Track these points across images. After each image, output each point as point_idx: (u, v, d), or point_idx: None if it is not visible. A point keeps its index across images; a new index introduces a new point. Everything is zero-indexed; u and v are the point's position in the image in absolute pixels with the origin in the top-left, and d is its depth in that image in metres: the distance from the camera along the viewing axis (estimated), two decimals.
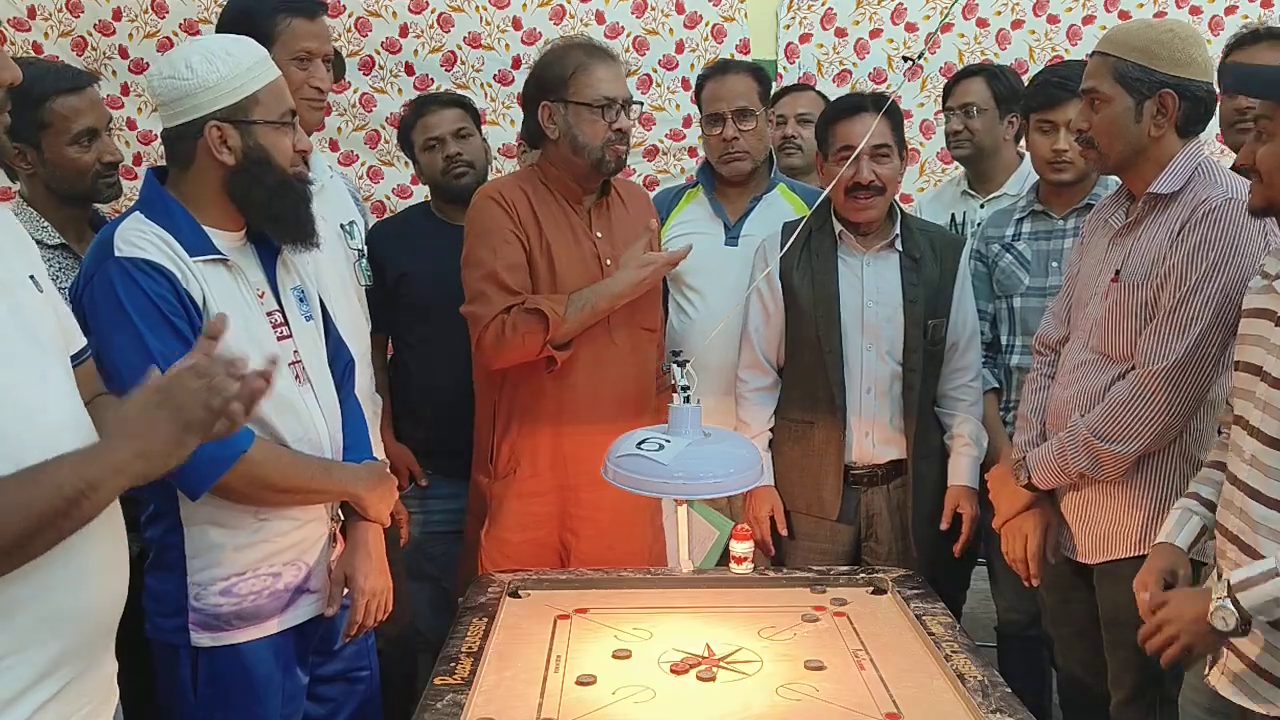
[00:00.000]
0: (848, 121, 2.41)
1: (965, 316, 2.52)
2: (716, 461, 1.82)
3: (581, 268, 2.31)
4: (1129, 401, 1.94)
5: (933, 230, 2.61)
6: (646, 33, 3.70)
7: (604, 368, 2.33)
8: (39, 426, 1.20)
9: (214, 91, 1.66)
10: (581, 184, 2.35)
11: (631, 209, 2.44)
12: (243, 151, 1.69)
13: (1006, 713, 1.63)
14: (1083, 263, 2.17)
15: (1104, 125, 1.99)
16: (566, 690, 1.74)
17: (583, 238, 2.34)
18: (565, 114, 2.27)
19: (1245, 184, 1.92)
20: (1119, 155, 2.00)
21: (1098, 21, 3.88)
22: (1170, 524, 1.83)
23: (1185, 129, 1.96)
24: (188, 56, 1.68)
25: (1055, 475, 2.08)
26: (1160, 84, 1.92)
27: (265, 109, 1.70)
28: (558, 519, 2.37)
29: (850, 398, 2.46)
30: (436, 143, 2.73)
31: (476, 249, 2.28)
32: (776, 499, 2.53)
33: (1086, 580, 2.12)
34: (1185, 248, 1.90)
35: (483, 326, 2.23)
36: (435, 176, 2.76)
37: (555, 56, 2.31)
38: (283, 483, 1.72)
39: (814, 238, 2.48)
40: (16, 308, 1.25)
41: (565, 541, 2.38)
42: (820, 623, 2.01)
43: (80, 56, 3.47)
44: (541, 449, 2.33)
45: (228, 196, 1.72)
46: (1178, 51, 1.92)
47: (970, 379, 2.53)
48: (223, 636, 1.72)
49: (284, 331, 1.78)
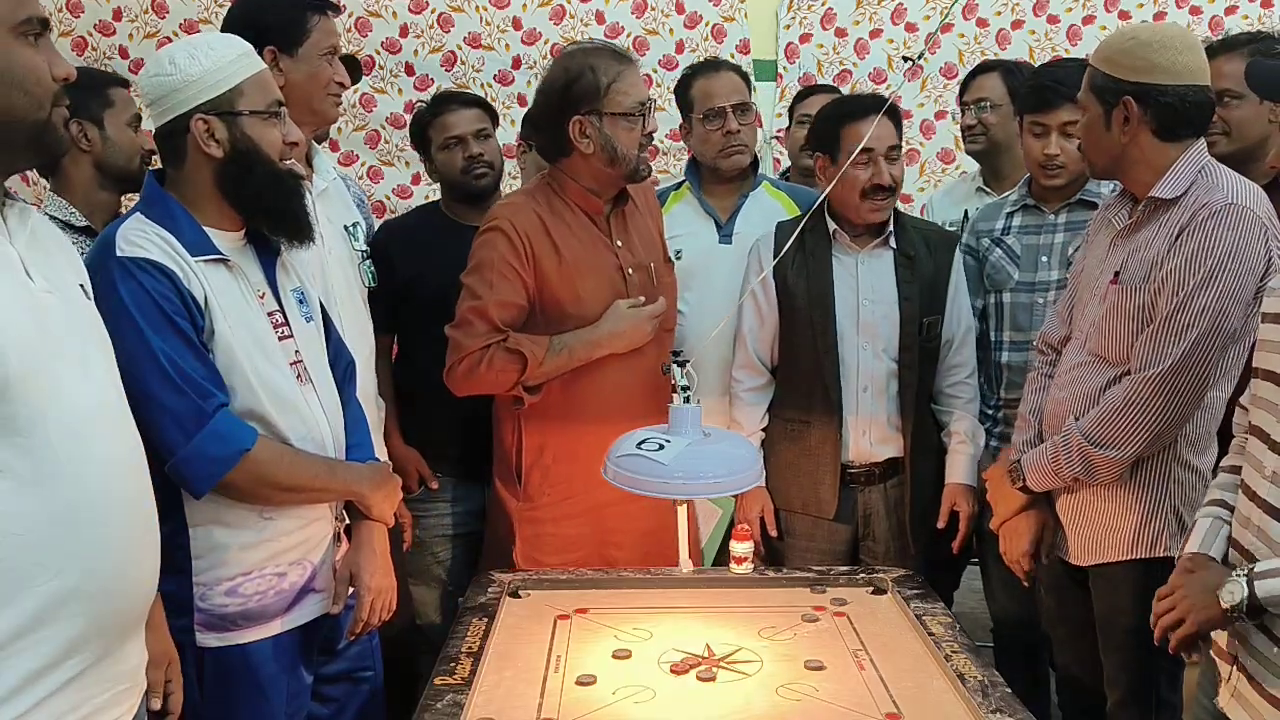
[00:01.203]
0: (863, 123, 2.36)
1: (960, 313, 2.52)
2: (716, 461, 1.83)
3: (604, 282, 2.27)
4: (1123, 406, 1.93)
5: (926, 227, 2.62)
6: (646, 33, 3.70)
7: (631, 375, 2.30)
8: (70, 410, 1.24)
9: (198, 85, 1.67)
10: (603, 194, 2.30)
11: (643, 209, 2.43)
12: (230, 143, 1.69)
13: (1006, 713, 1.63)
14: (1085, 262, 2.16)
15: (1084, 134, 2.04)
16: (566, 690, 1.75)
17: (603, 250, 2.30)
18: (601, 126, 2.19)
19: (1249, 189, 1.91)
20: (1102, 162, 2.03)
21: (1098, 22, 3.89)
22: (1201, 533, 1.69)
23: (1168, 133, 1.94)
24: (171, 54, 1.69)
25: (1049, 478, 2.08)
26: (1121, 91, 1.93)
27: (250, 100, 1.70)
28: (596, 537, 2.35)
29: (847, 396, 2.46)
30: (456, 142, 2.70)
31: (473, 278, 2.23)
32: (767, 499, 2.54)
33: (1083, 582, 2.12)
34: (1184, 252, 1.89)
35: (459, 356, 2.21)
36: (453, 175, 2.71)
37: (580, 67, 2.20)
38: (287, 481, 1.72)
39: (808, 237, 2.47)
40: (66, 301, 1.32)
41: (608, 557, 2.35)
42: (820, 623, 2.01)
43: (80, 56, 3.47)
44: (576, 470, 2.28)
45: (220, 192, 1.72)
46: (1138, 59, 1.91)
47: (966, 375, 2.53)
48: (228, 636, 1.73)
49: (285, 332, 1.79)
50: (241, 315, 1.71)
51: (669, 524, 2.33)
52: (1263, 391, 1.61)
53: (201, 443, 1.62)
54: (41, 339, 1.23)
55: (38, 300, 1.26)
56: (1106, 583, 2.05)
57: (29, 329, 1.21)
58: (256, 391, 1.70)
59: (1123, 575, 2.01)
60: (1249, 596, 1.48)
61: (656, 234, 2.44)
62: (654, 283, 2.35)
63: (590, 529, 2.34)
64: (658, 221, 2.47)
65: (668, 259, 2.47)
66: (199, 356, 1.65)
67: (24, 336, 1.20)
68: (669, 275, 2.44)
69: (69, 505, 1.23)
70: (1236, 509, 1.64)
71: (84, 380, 1.29)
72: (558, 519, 2.33)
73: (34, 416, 1.20)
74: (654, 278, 2.35)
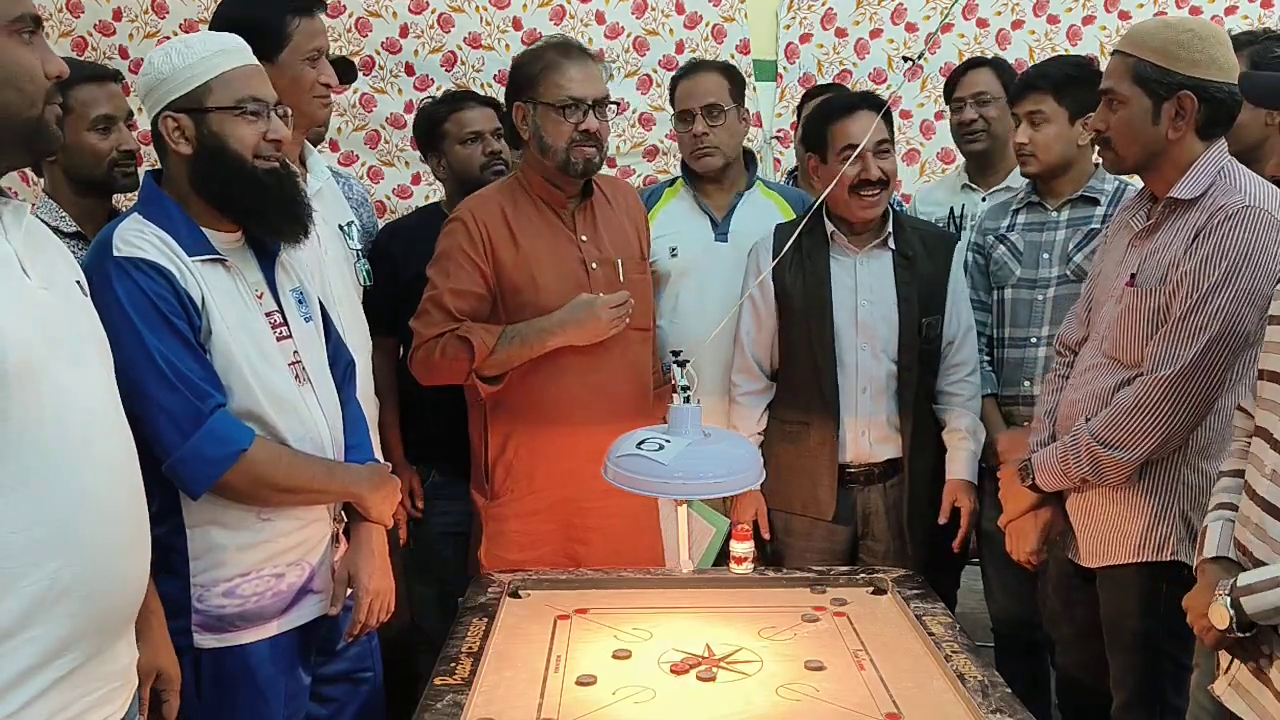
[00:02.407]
0: (848, 120, 2.40)
1: (960, 312, 2.52)
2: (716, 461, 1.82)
3: (565, 274, 2.30)
4: (1133, 408, 1.92)
5: (925, 228, 2.62)
6: (647, 33, 3.69)
7: (597, 373, 2.31)
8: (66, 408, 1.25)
9: (170, 83, 1.68)
10: (563, 188, 2.33)
11: (618, 207, 2.44)
12: (198, 140, 1.69)
13: (1006, 713, 1.63)
14: (1103, 264, 2.15)
15: (1121, 127, 1.95)
16: (566, 690, 1.75)
17: (565, 243, 2.32)
18: (534, 114, 2.26)
19: (1268, 191, 1.88)
20: (1136, 157, 1.98)
21: (1098, 22, 3.88)
22: (1215, 538, 1.66)
23: (1206, 131, 1.92)
24: (152, 55, 1.71)
25: (1058, 478, 2.07)
26: (1179, 85, 1.88)
27: (218, 96, 1.69)
28: (561, 533, 2.36)
29: (846, 397, 2.46)
30: (476, 137, 2.71)
31: (433, 269, 2.30)
32: (761, 502, 2.54)
33: (1090, 583, 2.11)
34: (1199, 254, 1.87)
35: (417, 344, 2.28)
36: (470, 171, 2.70)
37: (529, 56, 2.31)
38: (284, 482, 1.72)
39: (805, 239, 2.47)
40: (63, 298, 1.32)
41: (573, 553, 2.36)
42: (820, 623, 2.01)
43: (80, 56, 3.46)
44: (539, 465, 2.32)
45: (195, 190, 1.71)
46: (1197, 52, 1.87)
47: (967, 374, 2.53)
48: (226, 638, 1.72)
49: (283, 332, 1.78)
50: (239, 315, 1.71)
51: (645, 525, 2.34)
52: (1267, 393, 1.60)
53: (198, 443, 1.61)
54: (39, 336, 1.23)
55: (35, 297, 1.26)
56: (1114, 584, 2.04)
57: (26, 326, 1.21)
58: (254, 392, 1.69)
59: (1130, 578, 2.01)
60: (1236, 615, 1.49)
61: (633, 231, 2.43)
62: (620, 279, 2.35)
63: (555, 525, 2.35)
64: (636, 219, 2.47)
65: (643, 257, 2.47)
66: (196, 357, 1.64)
67: (21, 334, 1.20)
68: (640, 273, 2.44)
69: (62, 504, 1.23)
70: (1239, 508, 1.63)
71: (80, 379, 1.29)
72: (522, 515, 2.35)
73: (30, 415, 1.20)
74: (620, 274, 2.36)
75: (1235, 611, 1.49)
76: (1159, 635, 1.96)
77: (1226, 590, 1.52)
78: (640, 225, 2.49)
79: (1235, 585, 1.51)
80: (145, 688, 1.53)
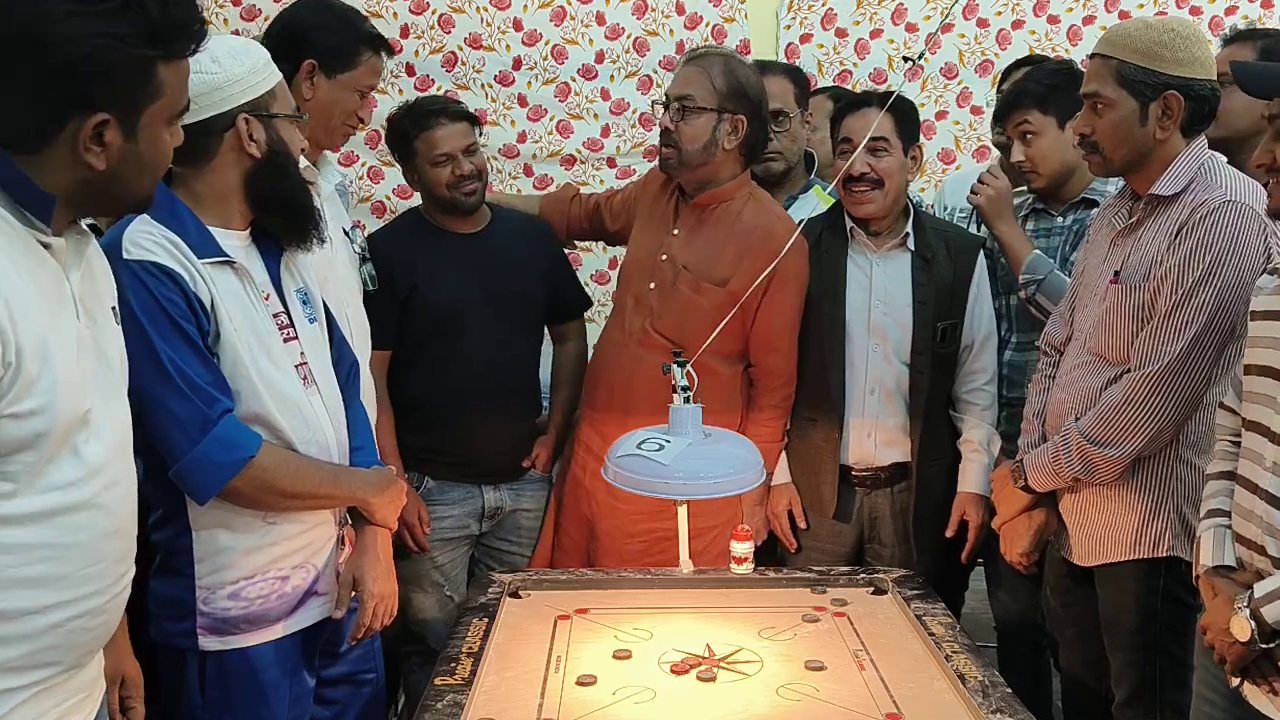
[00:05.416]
0: (851, 116, 2.43)
1: (980, 318, 2.48)
2: (717, 461, 1.83)
3: (646, 247, 2.50)
4: (1121, 404, 1.93)
5: (949, 229, 2.59)
6: (647, 34, 3.69)
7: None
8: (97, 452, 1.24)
9: (241, 84, 1.68)
10: (685, 181, 2.50)
11: (740, 237, 2.43)
12: (267, 144, 1.71)
13: (1007, 713, 1.63)
14: (1086, 262, 2.16)
15: (1108, 130, 1.96)
16: (567, 690, 1.75)
17: (660, 224, 2.53)
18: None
19: (1248, 185, 1.90)
20: (1123, 159, 1.98)
21: (1098, 22, 3.87)
22: (1209, 546, 1.67)
23: (1189, 129, 1.94)
24: (212, 52, 1.65)
25: (1050, 478, 2.08)
26: (1165, 85, 1.90)
27: (282, 104, 1.74)
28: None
29: (852, 397, 2.46)
30: (446, 159, 2.66)
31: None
32: (794, 494, 2.54)
33: (1088, 582, 2.12)
34: (1182, 250, 1.88)
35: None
36: (439, 191, 2.66)
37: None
38: (290, 488, 1.72)
39: (826, 236, 2.47)
40: (101, 330, 1.31)
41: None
42: (820, 623, 2.01)
43: None
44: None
45: (245, 191, 1.73)
46: (1180, 51, 1.89)
47: (984, 382, 2.50)
48: (230, 640, 1.72)
49: (290, 334, 1.78)
50: (247, 318, 1.71)
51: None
52: (1259, 387, 1.61)
53: (206, 449, 1.61)
54: (83, 384, 1.22)
55: (84, 342, 1.25)
56: (1111, 582, 2.05)
57: (75, 377, 1.21)
58: (261, 395, 1.69)
59: (1127, 575, 2.01)
60: (1258, 627, 1.49)
61: (731, 263, 2.37)
62: (673, 282, 2.39)
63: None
64: (756, 259, 2.31)
65: (721, 286, 2.38)
66: (204, 362, 1.64)
67: (74, 390, 1.20)
68: (697, 293, 2.39)
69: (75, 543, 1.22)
70: (1236, 503, 1.64)
71: (110, 416, 1.28)
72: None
73: (66, 461, 1.20)
74: (676, 279, 2.39)
75: (1256, 622, 1.50)
76: (1157, 631, 1.97)
77: (1245, 602, 1.52)
78: (748, 268, 2.33)
79: (1253, 596, 1.51)
80: (113, 692, 1.53)
